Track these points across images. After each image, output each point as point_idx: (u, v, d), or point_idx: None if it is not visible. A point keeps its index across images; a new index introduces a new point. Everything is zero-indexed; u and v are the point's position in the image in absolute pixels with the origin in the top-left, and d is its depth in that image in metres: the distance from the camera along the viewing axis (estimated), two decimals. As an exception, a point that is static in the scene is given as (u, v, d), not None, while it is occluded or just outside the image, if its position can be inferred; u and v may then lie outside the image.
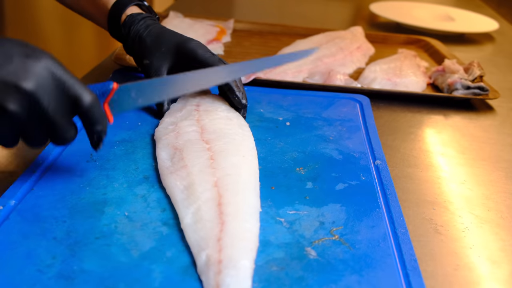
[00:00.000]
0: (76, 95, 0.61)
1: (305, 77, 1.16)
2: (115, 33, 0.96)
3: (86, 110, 0.62)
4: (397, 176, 0.80)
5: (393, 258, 0.59)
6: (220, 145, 0.74)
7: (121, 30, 0.93)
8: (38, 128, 0.60)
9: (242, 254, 0.55)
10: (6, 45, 0.58)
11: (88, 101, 0.62)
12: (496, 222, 0.72)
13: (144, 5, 0.96)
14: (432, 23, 1.77)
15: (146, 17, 0.93)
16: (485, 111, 1.10)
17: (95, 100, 0.63)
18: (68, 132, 0.63)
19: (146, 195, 0.67)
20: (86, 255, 0.56)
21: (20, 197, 0.65)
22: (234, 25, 1.52)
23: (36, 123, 0.59)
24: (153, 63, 0.88)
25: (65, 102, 0.61)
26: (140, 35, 0.91)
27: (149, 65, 0.88)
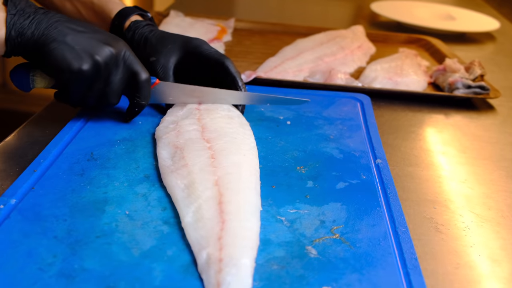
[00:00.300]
0: (136, 70, 0.80)
1: (306, 76, 1.16)
2: None
3: (140, 83, 0.81)
4: (397, 175, 0.80)
5: (394, 256, 0.59)
6: (221, 144, 0.74)
7: (124, 35, 0.95)
8: (98, 89, 0.78)
9: (243, 252, 0.55)
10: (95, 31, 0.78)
11: (144, 77, 0.81)
12: (496, 221, 0.72)
13: (146, 16, 0.99)
14: (433, 22, 1.77)
15: (149, 24, 0.96)
16: (486, 110, 1.10)
17: (149, 79, 0.82)
18: (115, 98, 0.81)
19: (146, 194, 0.67)
20: (87, 254, 0.56)
21: (21, 196, 0.65)
22: (235, 24, 1.52)
23: (98, 85, 0.78)
24: (160, 60, 0.90)
25: (125, 74, 0.80)
26: (146, 36, 0.93)
27: (155, 62, 0.90)
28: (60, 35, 0.74)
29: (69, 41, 0.74)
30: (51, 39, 0.74)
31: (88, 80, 0.76)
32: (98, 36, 0.77)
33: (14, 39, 0.74)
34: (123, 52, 0.79)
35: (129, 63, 0.80)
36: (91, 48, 0.75)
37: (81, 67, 0.74)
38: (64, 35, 0.74)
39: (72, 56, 0.74)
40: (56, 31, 0.74)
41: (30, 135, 0.83)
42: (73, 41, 0.74)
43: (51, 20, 0.75)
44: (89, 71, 0.75)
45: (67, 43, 0.74)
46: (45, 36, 0.74)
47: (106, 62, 0.76)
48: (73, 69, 0.74)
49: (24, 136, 0.83)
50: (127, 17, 0.95)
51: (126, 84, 0.81)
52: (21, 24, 0.73)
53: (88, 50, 0.75)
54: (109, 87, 0.79)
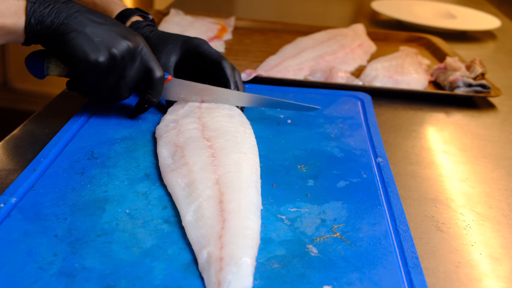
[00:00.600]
0: (151, 67, 0.81)
1: (306, 74, 1.15)
2: None
3: (154, 80, 0.82)
4: (398, 173, 0.80)
5: (395, 255, 0.59)
6: (221, 143, 0.74)
7: None
8: (112, 82, 0.79)
9: (244, 251, 0.55)
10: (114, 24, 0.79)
11: (159, 74, 0.82)
12: (497, 219, 0.71)
13: (147, 17, 0.99)
14: (434, 20, 1.77)
15: (150, 24, 0.96)
16: (487, 108, 1.10)
17: (163, 77, 0.83)
18: (127, 93, 0.82)
19: (147, 193, 0.67)
20: (87, 253, 0.56)
21: (21, 194, 0.65)
22: (235, 22, 1.52)
23: (112, 78, 0.79)
24: (161, 58, 0.91)
25: (140, 70, 0.81)
26: (147, 36, 0.93)
27: None
28: (79, 25, 0.75)
29: (88, 32, 0.75)
30: (71, 29, 0.75)
31: (103, 72, 0.77)
32: (117, 29, 0.78)
33: (33, 27, 0.74)
34: (140, 47, 0.80)
35: (145, 59, 0.81)
36: (109, 41, 0.76)
37: (98, 59, 0.75)
38: (84, 26, 0.75)
39: (90, 47, 0.75)
40: (76, 21, 0.75)
41: (30, 134, 0.83)
42: (92, 32, 0.75)
43: (72, 10, 0.76)
44: (105, 63, 0.76)
45: (86, 34, 0.75)
46: (64, 25, 0.75)
47: (122, 56, 0.77)
48: (90, 60, 0.75)
49: (24, 135, 0.83)
50: (128, 18, 0.96)
51: (140, 79, 0.82)
52: (41, 12, 0.74)
53: (106, 42, 0.76)
54: (123, 80, 0.80)
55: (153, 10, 1.57)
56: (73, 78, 0.81)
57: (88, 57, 0.75)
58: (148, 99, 0.84)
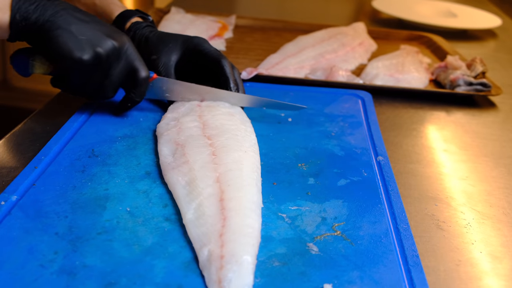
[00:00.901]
0: (136, 67, 0.81)
1: (307, 73, 1.15)
2: None
3: (139, 80, 0.82)
4: (399, 172, 0.80)
5: (395, 253, 0.59)
6: (222, 141, 0.74)
7: None
8: (96, 80, 0.79)
9: (244, 249, 0.55)
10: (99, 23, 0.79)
11: (144, 74, 0.82)
12: (498, 218, 0.71)
13: (147, 19, 1.00)
14: (435, 19, 1.76)
15: (149, 25, 0.97)
16: (487, 107, 1.10)
17: (148, 77, 0.83)
18: (112, 92, 0.82)
19: (148, 191, 0.67)
20: (88, 251, 0.56)
21: (21, 192, 0.65)
22: (236, 21, 1.52)
23: (97, 76, 0.78)
24: (161, 58, 0.91)
25: (125, 69, 0.80)
26: (147, 36, 0.93)
27: (157, 60, 0.91)
28: (65, 23, 0.75)
29: (74, 30, 0.75)
30: (56, 26, 0.74)
31: (87, 70, 0.77)
32: (103, 28, 0.78)
33: (18, 23, 0.74)
34: (126, 47, 0.80)
35: (131, 59, 0.81)
36: (94, 40, 0.76)
37: (82, 57, 0.75)
38: (69, 24, 0.75)
39: (75, 45, 0.75)
40: (62, 19, 0.75)
41: (31, 132, 0.83)
42: (77, 30, 0.75)
43: (57, 8, 0.76)
44: (89, 62, 0.76)
45: (71, 32, 0.75)
46: (50, 22, 0.74)
47: (107, 55, 0.77)
48: (75, 58, 0.75)
49: (25, 133, 0.83)
50: (128, 19, 0.96)
51: (125, 78, 0.82)
52: (26, 9, 0.74)
53: (91, 41, 0.76)
54: (108, 79, 0.80)
55: (153, 8, 1.57)
56: (58, 75, 0.81)
57: (72, 55, 0.75)
58: (131, 98, 0.84)
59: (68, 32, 0.75)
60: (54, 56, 0.76)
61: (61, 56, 0.75)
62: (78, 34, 0.75)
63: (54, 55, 0.76)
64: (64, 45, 0.74)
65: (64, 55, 0.75)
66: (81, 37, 0.75)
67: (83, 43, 0.75)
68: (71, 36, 0.75)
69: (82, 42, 0.75)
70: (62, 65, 0.77)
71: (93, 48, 0.76)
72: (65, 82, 0.80)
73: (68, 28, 0.75)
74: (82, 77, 0.78)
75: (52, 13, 0.75)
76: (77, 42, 0.75)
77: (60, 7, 0.76)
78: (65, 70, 0.77)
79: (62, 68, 0.77)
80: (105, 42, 0.77)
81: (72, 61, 0.75)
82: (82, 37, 0.75)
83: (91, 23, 0.77)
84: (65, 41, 0.74)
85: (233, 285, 0.51)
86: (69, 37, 0.75)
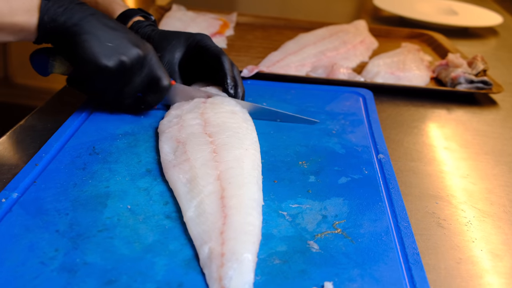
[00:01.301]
0: (159, 76, 0.82)
1: (308, 70, 1.15)
2: None
3: (161, 88, 0.83)
4: (400, 170, 0.80)
5: (396, 251, 0.59)
6: (223, 139, 0.74)
7: None
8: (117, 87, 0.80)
9: (245, 247, 0.55)
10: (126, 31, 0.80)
11: (166, 83, 0.83)
12: (498, 216, 0.71)
13: (149, 18, 1.00)
14: (436, 17, 1.76)
15: (151, 24, 0.97)
16: (488, 105, 1.10)
17: (169, 86, 0.84)
18: (130, 99, 0.83)
19: (149, 188, 0.67)
20: (89, 248, 0.56)
21: (22, 189, 0.65)
22: (237, 18, 1.52)
23: (118, 83, 0.79)
24: (165, 56, 0.91)
25: (146, 78, 0.81)
26: (149, 34, 0.93)
27: (160, 58, 0.90)
28: (93, 28, 0.76)
29: (101, 36, 0.76)
30: (84, 30, 0.75)
31: (110, 77, 0.78)
32: (129, 36, 0.79)
33: (46, 24, 0.75)
34: (150, 56, 0.81)
35: (153, 68, 0.82)
36: (121, 47, 0.77)
37: (108, 64, 0.76)
38: (97, 29, 0.76)
39: (102, 52, 0.76)
40: (89, 24, 0.76)
41: (31, 129, 0.83)
42: (104, 37, 0.76)
43: (86, 13, 0.77)
44: (113, 69, 0.77)
45: (98, 38, 0.76)
46: (78, 26, 0.75)
47: (132, 64, 0.78)
48: (100, 64, 0.76)
49: (26, 130, 0.83)
50: (130, 18, 0.96)
51: (145, 86, 0.83)
52: (55, 11, 0.75)
53: (118, 48, 0.77)
54: (128, 87, 0.81)
55: (154, 6, 1.57)
56: (78, 78, 0.81)
57: (98, 61, 0.75)
58: (148, 102, 0.84)
59: (95, 37, 0.76)
60: (78, 60, 0.77)
61: (85, 61, 0.76)
62: (104, 41, 0.76)
63: (79, 59, 0.76)
64: (90, 50, 0.75)
65: (89, 60, 0.75)
66: (107, 44, 0.76)
67: (109, 50, 0.76)
68: (98, 42, 0.76)
69: (108, 49, 0.76)
70: (85, 70, 0.77)
71: (118, 56, 0.76)
72: (84, 86, 0.81)
73: (96, 33, 0.76)
74: (103, 83, 0.79)
75: (81, 17, 0.76)
76: (103, 48, 0.76)
77: (88, 12, 0.77)
78: (87, 75, 0.78)
79: (85, 72, 0.78)
80: (130, 50, 0.78)
81: (97, 67, 0.76)
82: (109, 44, 0.76)
83: (118, 31, 0.78)
84: (91, 46, 0.75)
85: (234, 282, 0.51)
86: (96, 43, 0.75)
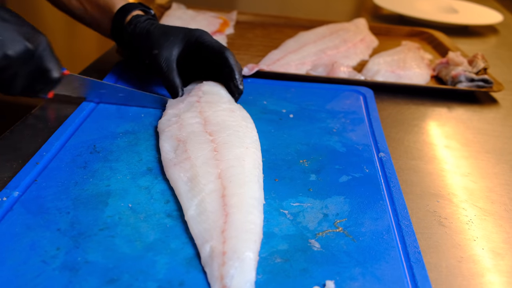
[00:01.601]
0: (49, 68, 0.76)
1: (308, 69, 1.15)
2: (117, 34, 0.99)
3: (50, 80, 0.78)
4: (400, 168, 0.80)
5: (397, 250, 0.59)
6: (223, 137, 0.74)
7: (126, 29, 0.95)
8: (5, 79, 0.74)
9: (246, 245, 0.55)
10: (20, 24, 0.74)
11: (56, 75, 0.78)
12: (500, 214, 0.71)
13: (149, 12, 0.99)
14: (436, 15, 1.76)
15: (150, 18, 0.96)
16: (489, 103, 1.10)
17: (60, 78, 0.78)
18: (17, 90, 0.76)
19: (149, 187, 0.67)
20: (90, 247, 0.56)
21: (23, 188, 0.65)
22: (237, 17, 1.51)
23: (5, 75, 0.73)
24: (162, 53, 0.90)
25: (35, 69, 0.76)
26: (148, 29, 0.93)
27: (158, 55, 0.90)
28: None
29: None
30: None
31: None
32: (21, 28, 0.74)
33: None
34: (41, 48, 0.75)
35: (44, 60, 0.76)
36: (7, 41, 0.72)
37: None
38: None
39: None
40: None
41: (32, 128, 0.83)
42: None
43: None
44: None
45: None
46: None
47: (18, 57, 0.73)
48: None
49: (26, 129, 0.82)
50: (129, 12, 0.95)
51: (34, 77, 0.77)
52: None
53: (3, 42, 0.72)
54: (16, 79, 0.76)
55: (154, 4, 1.56)
56: None
57: None
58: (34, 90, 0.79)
59: None
60: None
61: None
62: None
63: None
64: None
65: None
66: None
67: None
68: None
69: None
70: None
71: (2, 49, 0.72)
72: None
73: None
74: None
75: None
76: None
77: None
78: None
79: None
80: (17, 43, 0.73)
81: None
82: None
83: (9, 22, 0.73)
84: None
85: (235, 281, 0.51)
86: None
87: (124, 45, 0.98)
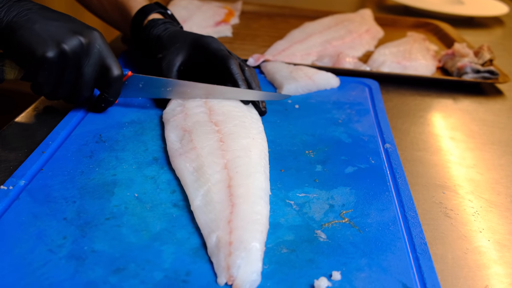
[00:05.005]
0: (108, 65, 0.77)
1: (314, 59, 1.15)
2: (138, 38, 0.99)
3: (111, 79, 0.78)
4: (406, 159, 0.80)
5: (403, 241, 0.59)
6: (229, 128, 0.74)
7: (142, 35, 0.96)
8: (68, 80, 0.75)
9: (253, 236, 0.55)
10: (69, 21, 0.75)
11: (116, 73, 0.78)
12: (505, 206, 0.71)
13: (167, 13, 0.99)
14: (441, 6, 1.75)
15: (166, 22, 0.95)
16: (494, 95, 1.10)
17: (121, 76, 0.78)
18: (88, 91, 0.78)
19: (155, 177, 0.67)
20: (96, 236, 0.56)
21: (29, 177, 0.65)
22: (242, 7, 1.51)
23: (68, 75, 0.75)
24: (166, 56, 0.89)
25: (97, 67, 0.76)
26: (159, 35, 0.92)
27: (161, 58, 0.89)
28: (29, 22, 0.72)
29: (37, 28, 0.72)
30: (19, 26, 0.72)
31: (54, 68, 0.73)
32: (70, 25, 0.74)
33: None
34: (96, 43, 0.76)
35: (102, 56, 0.77)
36: (59, 36, 0.72)
37: (45, 54, 0.71)
38: (33, 23, 0.72)
39: (37, 43, 0.71)
40: (26, 19, 0.72)
41: (38, 117, 0.83)
42: (41, 28, 0.72)
43: (23, 8, 0.73)
44: (54, 59, 0.72)
45: (35, 30, 0.71)
46: (13, 23, 0.72)
47: (74, 51, 0.73)
48: (37, 55, 0.71)
49: (32, 118, 0.82)
50: (146, 16, 0.95)
51: (99, 77, 0.78)
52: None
53: (55, 37, 0.72)
54: (81, 78, 0.76)
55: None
56: (29, 80, 0.75)
57: (35, 53, 0.71)
58: (105, 99, 0.80)
59: (31, 30, 0.71)
60: (18, 56, 0.73)
61: (24, 55, 0.72)
62: (41, 32, 0.72)
63: (19, 55, 0.73)
64: (26, 43, 0.71)
65: (27, 53, 0.71)
66: (44, 34, 0.72)
67: (46, 39, 0.71)
68: (34, 34, 0.71)
69: (45, 39, 0.71)
70: (29, 66, 0.73)
71: (57, 44, 0.72)
72: (34, 84, 0.75)
73: (32, 26, 0.71)
74: (49, 76, 0.74)
75: (16, 14, 0.72)
76: (39, 39, 0.71)
77: (25, 7, 0.73)
78: (33, 71, 0.73)
79: (29, 69, 0.73)
80: (70, 38, 0.73)
81: (36, 59, 0.71)
82: (45, 34, 0.72)
83: (58, 21, 0.74)
84: (27, 39, 0.71)
85: (242, 271, 0.52)
86: (32, 35, 0.71)
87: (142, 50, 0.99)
